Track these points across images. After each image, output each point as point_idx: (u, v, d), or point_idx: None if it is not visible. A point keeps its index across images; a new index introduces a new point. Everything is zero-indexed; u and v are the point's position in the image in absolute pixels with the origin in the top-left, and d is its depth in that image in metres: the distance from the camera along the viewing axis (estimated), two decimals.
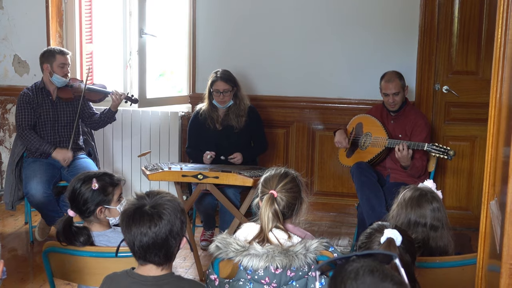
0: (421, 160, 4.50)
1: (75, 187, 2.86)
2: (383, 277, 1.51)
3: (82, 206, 2.85)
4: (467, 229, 5.18)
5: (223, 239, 2.56)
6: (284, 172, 2.75)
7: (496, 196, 2.09)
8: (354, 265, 1.56)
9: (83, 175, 2.92)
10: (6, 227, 5.37)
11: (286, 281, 2.53)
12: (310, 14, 5.44)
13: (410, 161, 4.40)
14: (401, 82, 4.62)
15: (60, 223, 2.76)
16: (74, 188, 2.87)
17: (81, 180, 2.88)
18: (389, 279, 1.50)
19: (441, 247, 2.73)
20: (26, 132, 4.83)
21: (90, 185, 2.85)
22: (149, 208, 2.13)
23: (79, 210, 2.86)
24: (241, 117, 4.91)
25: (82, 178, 2.89)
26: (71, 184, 2.91)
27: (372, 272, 1.51)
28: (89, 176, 2.90)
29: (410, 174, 4.50)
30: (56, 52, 4.95)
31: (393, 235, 2.17)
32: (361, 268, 1.53)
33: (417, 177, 4.44)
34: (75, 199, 2.86)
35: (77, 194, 2.85)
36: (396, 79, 4.60)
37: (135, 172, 5.75)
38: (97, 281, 2.47)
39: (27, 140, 4.83)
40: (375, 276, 1.50)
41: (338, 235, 5.28)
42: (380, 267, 1.54)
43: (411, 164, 4.42)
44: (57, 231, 2.77)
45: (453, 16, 5.21)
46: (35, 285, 4.21)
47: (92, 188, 2.84)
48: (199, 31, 5.64)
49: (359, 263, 1.56)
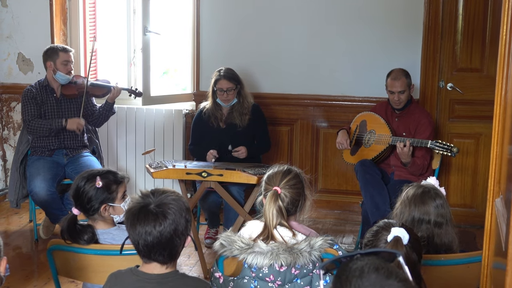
0: (423, 159, 4.48)
1: (79, 185, 2.86)
2: (388, 274, 1.51)
3: (86, 204, 2.84)
4: (471, 227, 5.17)
5: (227, 236, 2.56)
6: (287, 169, 2.75)
7: (501, 193, 2.08)
8: (358, 263, 1.55)
9: (87, 173, 2.92)
10: (10, 225, 5.38)
11: (290, 278, 2.53)
12: (314, 11, 5.43)
13: (410, 158, 4.39)
14: (407, 80, 4.60)
15: (65, 221, 2.76)
16: (78, 186, 2.86)
17: (85, 178, 2.87)
18: (394, 276, 1.50)
19: (445, 243, 2.72)
20: (33, 122, 4.82)
21: (94, 183, 2.84)
22: (154, 207, 2.12)
23: (83, 208, 2.86)
24: (244, 115, 4.91)
25: (86, 176, 2.89)
26: (75, 182, 2.90)
27: (377, 269, 1.51)
28: (93, 174, 2.89)
29: (410, 172, 4.49)
30: (59, 49, 4.95)
31: (400, 233, 2.16)
32: (366, 266, 1.53)
33: (418, 175, 4.43)
34: (79, 197, 2.85)
35: (81, 192, 2.85)
36: (402, 77, 4.59)
37: (139, 170, 5.76)
38: (101, 279, 2.47)
39: (36, 128, 4.82)
40: (380, 273, 1.50)
41: (342, 233, 5.28)
42: (385, 264, 1.54)
43: (411, 161, 4.42)
44: (61, 229, 2.77)
45: (458, 13, 5.19)
46: (40, 283, 4.22)
47: (96, 186, 2.84)
48: (203, 28, 5.64)
49: (364, 261, 1.56)
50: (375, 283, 1.48)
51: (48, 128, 4.82)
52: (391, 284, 1.48)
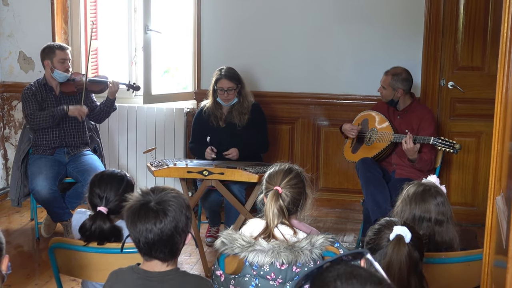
0: (429, 154, 4.47)
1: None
2: (363, 281, 1.47)
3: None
4: (473, 225, 5.16)
5: (228, 235, 2.56)
6: (288, 168, 2.74)
7: (502, 191, 2.09)
8: (330, 276, 1.50)
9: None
10: (12, 223, 5.38)
11: (291, 277, 2.53)
12: (315, 10, 5.43)
13: (417, 155, 4.38)
14: (391, 80, 4.61)
15: (100, 223, 2.75)
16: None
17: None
18: (369, 282, 1.47)
19: (446, 241, 2.73)
20: (35, 115, 4.82)
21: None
22: (154, 205, 2.13)
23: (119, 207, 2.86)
24: (243, 115, 4.90)
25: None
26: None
27: (349, 279, 1.48)
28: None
29: (418, 168, 4.48)
30: (55, 47, 4.95)
31: (403, 232, 2.16)
32: (338, 278, 1.48)
33: (426, 171, 4.43)
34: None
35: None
36: (387, 75, 4.65)
37: (141, 168, 5.76)
38: (102, 277, 2.47)
39: (39, 120, 4.81)
40: (354, 283, 1.47)
41: (343, 231, 5.28)
42: (356, 271, 1.50)
43: (418, 157, 4.41)
44: (104, 231, 2.75)
45: (459, 12, 5.19)
46: (41, 281, 4.23)
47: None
48: (204, 27, 5.64)
49: (334, 271, 1.51)
50: None
51: (51, 116, 4.81)
52: None
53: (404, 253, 2.14)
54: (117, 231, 2.77)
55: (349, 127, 4.78)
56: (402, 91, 4.62)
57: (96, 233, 2.72)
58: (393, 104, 4.68)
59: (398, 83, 4.61)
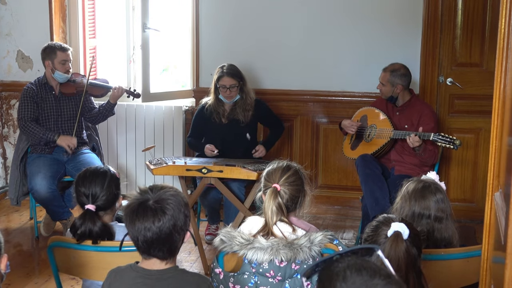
0: (433, 146, 4.46)
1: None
2: (372, 274, 1.47)
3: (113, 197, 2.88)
4: (471, 222, 5.17)
5: (227, 232, 2.56)
6: (287, 165, 2.74)
7: (500, 187, 2.08)
8: (340, 266, 1.51)
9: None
10: (11, 222, 5.38)
11: (290, 274, 2.53)
12: (313, 7, 5.43)
13: (421, 141, 4.34)
14: (390, 76, 4.61)
15: (91, 222, 2.75)
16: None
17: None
18: (378, 275, 1.47)
19: (446, 238, 2.73)
20: (28, 124, 4.83)
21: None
22: (152, 203, 2.13)
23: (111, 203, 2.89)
24: (247, 112, 4.90)
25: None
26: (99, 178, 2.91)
27: (359, 270, 1.47)
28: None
29: (424, 160, 4.46)
30: (56, 48, 4.93)
31: (400, 228, 2.16)
32: (348, 268, 1.49)
33: (431, 164, 4.43)
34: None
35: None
36: (386, 72, 4.66)
37: (140, 166, 5.76)
38: (101, 275, 2.47)
39: (29, 131, 4.83)
40: (364, 274, 1.47)
41: (342, 228, 5.28)
42: (366, 263, 1.51)
43: (423, 146, 4.38)
44: (93, 231, 2.75)
45: (457, 8, 5.19)
46: (41, 280, 4.22)
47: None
48: (202, 25, 5.63)
49: (344, 262, 1.52)
50: (360, 285, 1.46)
51: (40, 137, 4.84)
52: (377, 283, 1.46)
53: (402, 249, 2.14)
54: (108, 229, 2.76)
55: (349, 123, 4.79)
56: (401, 87, 4.62)
57: (87, 232, 2.72)
58: (393, 100, 4.68)
59: (396, 79, 4.61)
